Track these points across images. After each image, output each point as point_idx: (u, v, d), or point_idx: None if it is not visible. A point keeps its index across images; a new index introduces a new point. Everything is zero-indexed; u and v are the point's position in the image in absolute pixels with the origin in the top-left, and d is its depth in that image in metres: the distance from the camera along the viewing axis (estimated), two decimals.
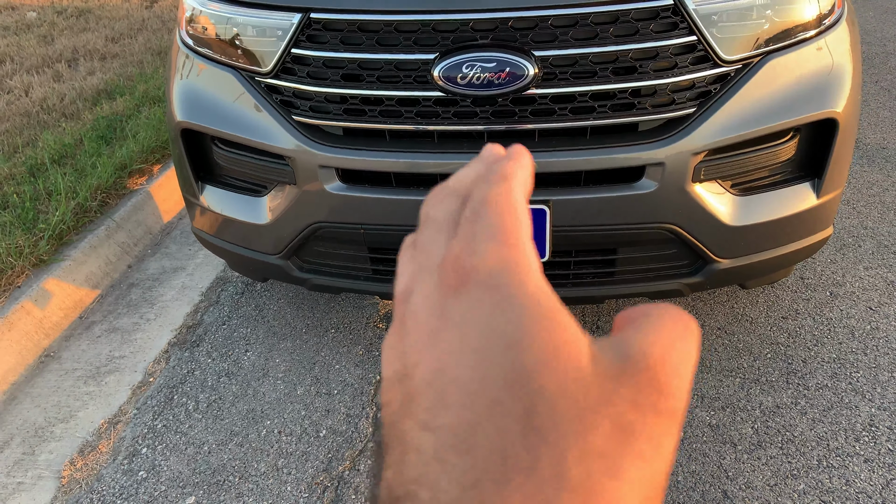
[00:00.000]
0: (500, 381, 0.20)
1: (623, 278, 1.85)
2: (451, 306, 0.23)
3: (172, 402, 2.06)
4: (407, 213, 1.73)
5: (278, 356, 2.22)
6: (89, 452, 1.91)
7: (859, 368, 2.03)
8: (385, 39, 1.65)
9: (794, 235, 1.83)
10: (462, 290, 0.23)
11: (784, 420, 1.88)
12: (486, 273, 0.23)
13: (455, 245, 0.25)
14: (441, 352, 0.22)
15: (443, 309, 0.23)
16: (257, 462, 1.84)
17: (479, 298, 0.22)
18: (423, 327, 0.23)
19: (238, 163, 1.89)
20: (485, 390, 0.20)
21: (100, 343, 2.37)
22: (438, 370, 0.22)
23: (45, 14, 6.17)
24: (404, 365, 0.23)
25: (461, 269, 0.24)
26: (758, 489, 1.69)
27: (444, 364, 0.22)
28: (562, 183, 1.71)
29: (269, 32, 1.76)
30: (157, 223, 3.08)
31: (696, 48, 1.59)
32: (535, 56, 1.58)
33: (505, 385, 0.20)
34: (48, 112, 3.89)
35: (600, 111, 1.63)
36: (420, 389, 0.22)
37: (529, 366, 0.20)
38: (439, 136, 1.72)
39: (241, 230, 1.96)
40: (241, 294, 2.55)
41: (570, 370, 0.21)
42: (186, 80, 1.96)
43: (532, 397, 0.20)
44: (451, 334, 0.22)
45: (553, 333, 0.21)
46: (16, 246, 2.52)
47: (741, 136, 1.65)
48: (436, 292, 0.24)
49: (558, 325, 0.22)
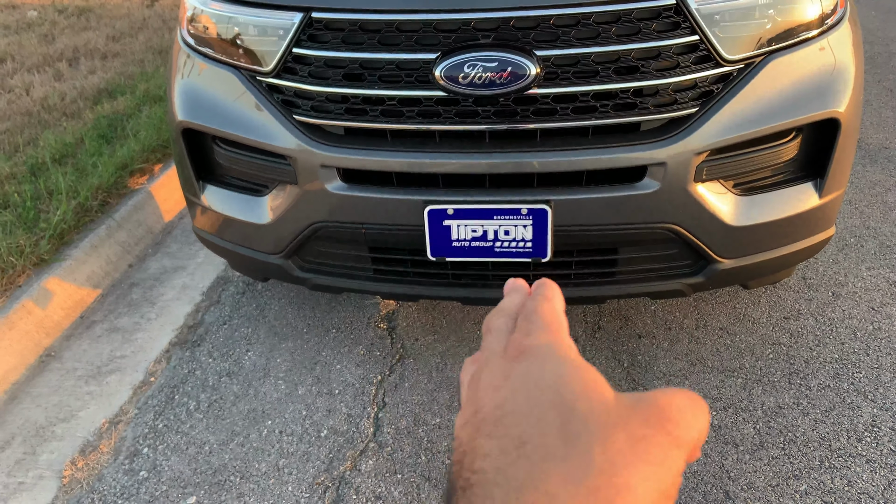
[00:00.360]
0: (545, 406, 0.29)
1: (625, 278, 1.85)
2: (511, 369, 0.32)
3: (173, 402, 2.06)
4: (408, 212, 1.73)
5: (279, 356, 2.22)
6: (90, 452, 1.91)
7: (861, 369, 2.03)
8: (387, 39, 1.64)
9: (796, 235, 1.83)
10: (520, 358, 0.32)
11: (786, 420, 1.87)
12: (538, 347, 0.33)
13: (515, 335, 0.35)
14: (502, 396, 0.30)
15: (505, 372, 0.32)
16: (258, 462, 1.84)
17: (533, 361, 0.32)
18: (489, 386, 0.32)
19: (239, 162, 1.89)
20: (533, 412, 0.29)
21: (101, 343, 2.36)
22: (499, 405, 0.30)
23: (45, 13, 6.17)
24: (475, 411, 0.31)
25: (520, 346, 0.33)
26: (760, 489, 1.69)
27: (503, 401, 0.30)
28: (563, 183, 1.70)
29: (270, 32, 1.75)
30: (158, 223, 3.07)
31: (699, 48, 1.59)
32: (537, 56, 1.58)
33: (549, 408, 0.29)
34: (49, 111, 3.89)
35: (602, 111, 1.62)
36: (486, 418, 0.30)
37: (567, 396, 0.29)
38: (441, 136, 1.72)
39: (242, 230, 1.95)
40: (242, 294, 2.55)
41: (596, 400, 0.29)
42: (188, 79, 1.95)
43: (568, 415, 0.28)
44: (511, 383, 0.31)
45: (586, 377, 0.30)
46: (17, 245, 2.52)
47: (743, 135, 1.65)
48: (499, 363, 0.33)
49: (591, 373, 0.31)
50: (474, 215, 1.71)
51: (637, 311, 2.32)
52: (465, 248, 1.76)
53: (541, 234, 1.71)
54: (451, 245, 1.76)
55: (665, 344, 2.17)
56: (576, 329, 2.26)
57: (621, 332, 2.24)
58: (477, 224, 1.73)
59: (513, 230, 1.72)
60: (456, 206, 1.70)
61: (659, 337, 2.20)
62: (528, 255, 1.75)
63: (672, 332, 2.22)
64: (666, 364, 2.09)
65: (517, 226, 1.72)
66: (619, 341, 2.20)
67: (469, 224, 1.73)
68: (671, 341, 2.18)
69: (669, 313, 2.30)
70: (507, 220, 1.71)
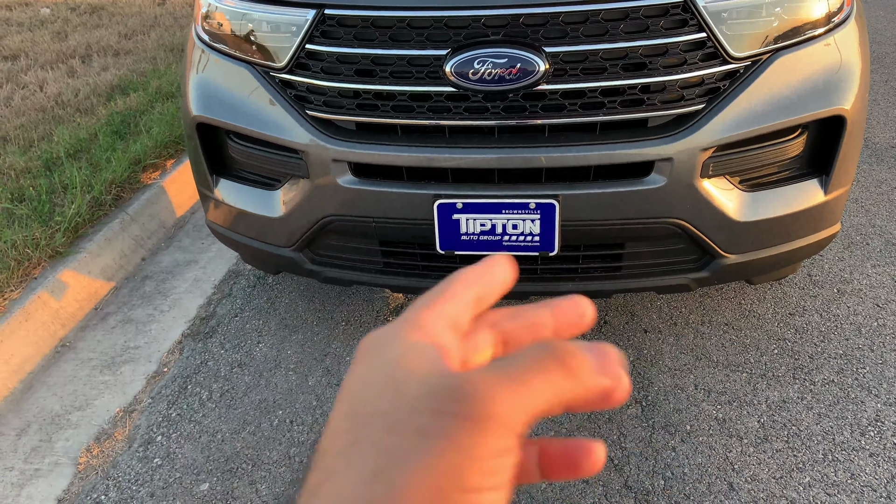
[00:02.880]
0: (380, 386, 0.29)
1: (631, 273, 1.87)
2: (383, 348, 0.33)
3: (186, 392, 2.10)
4: (418, 206, 1.76)
5: (290, 348, 2.26)
6: (105, 440, 1.95)
7: (866, 364, 2.05)
8: (398, 35, 1.67)
9: (802, 232, 1.84)
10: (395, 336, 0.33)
11: (790, 414, 1.89)
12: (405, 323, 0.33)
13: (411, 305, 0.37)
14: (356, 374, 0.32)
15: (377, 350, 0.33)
16: (270, 450, 1.87)
17: (390, 340, 0.32)
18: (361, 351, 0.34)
19: (252, 156, 1.93)
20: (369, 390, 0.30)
21: (115, 333, 2.41)
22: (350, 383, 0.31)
23: (58, 10, 6.23)
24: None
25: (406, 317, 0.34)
26: (763, 482, 1.71)
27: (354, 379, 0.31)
28: (571, 178, 1.73)
29: (283, 28, 1.79)
30: (171, 217, 3.12)
31: (706, 45, 1.61)
32: (546, 52, 1.60)
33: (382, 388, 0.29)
34: (63, 107, 3.94)
35: (610, 107, 1.65)
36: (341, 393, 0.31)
37: (399, 375, 0.29)
38: (450, 131, 1.74)
39: (254, 223, 1.99)
40: (253, 287, 2.58)
41: (397, 403, 0.29)
42: (202, 74, 1.99)
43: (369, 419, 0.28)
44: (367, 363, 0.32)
45: (425, 355, 0.30)
46: (32, 238, 2.57)
47: (750, 132, 1.67)
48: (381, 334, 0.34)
49: (431, 351, 0.31)
50: (483, 209, 1.74)
51: (643, 306, 2.34)
52: (474, 242, 1.79)
53: (549, 228, 1.74)
54: (460, 239, 1.79)
55: (671, 339, 2.20)
56: None
57: (627, 326, 2.26)
58: (486, 218, 1.75)
59: (521, 224, 1.75)
60: (465, 201, 1.73)
61: (664, 332, 2.23)
62: (536, 249, 1.78)
63: (677, 327, 2.25)
64: (671, 358, 2.12)
65: (525, 220, 1.74)
66: (625, 336, 2.22)
67: (478, 218, 1.76)
68: (676, 336, 2.20)
69: (675, 308, 2.32)
70: (516, 215, 1.74)
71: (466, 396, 0.27)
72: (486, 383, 0.27)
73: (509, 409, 0.27)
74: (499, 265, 0.35)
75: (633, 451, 1.82)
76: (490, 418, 0.27)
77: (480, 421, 0.27)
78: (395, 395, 0.29)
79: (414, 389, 0.28)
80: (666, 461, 1.78)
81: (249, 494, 1.75)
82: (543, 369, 0.28)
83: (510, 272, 0.35)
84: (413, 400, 0.28)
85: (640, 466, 1.77)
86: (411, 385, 0.29)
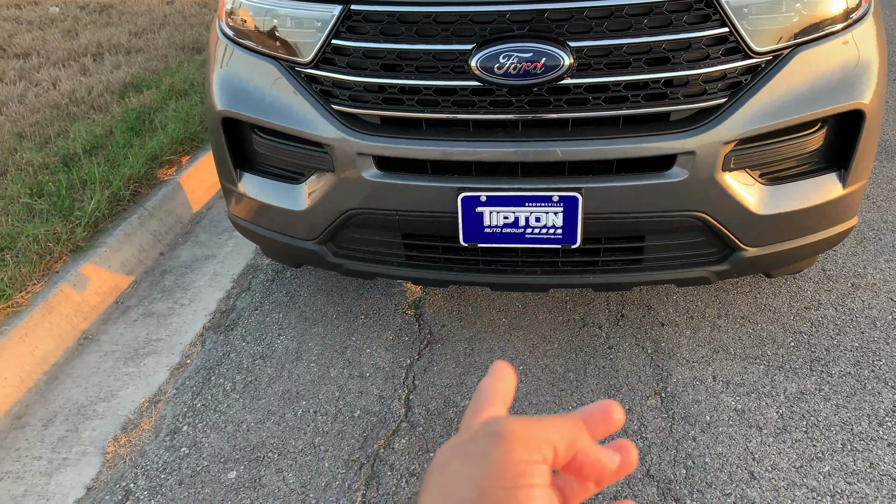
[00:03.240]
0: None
1: (651, 265, 1.90)
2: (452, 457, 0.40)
3: (210, 383, 2.12)
4: (442, 199, 1.78)
5: (311, 340, 2.28)
6: (132, 429, 1.98)
7: (882, 357, 2.07)
8: (424, 30, 1.70)
9: (821, 225, 1.87)
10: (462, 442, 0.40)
11: (808, 405, 1.92)
12: (477, 427, 0.41)
13: (466, 411, 0.45)
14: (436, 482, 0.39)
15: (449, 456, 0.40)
16: (295, 440, 1.90)
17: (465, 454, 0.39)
18: (437, 464, 0.41)
19: (277, 150, 1.95)
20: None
21: (136, 326, 2.43)
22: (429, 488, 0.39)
23: (67, 9, 6.27)
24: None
25: (468, 423, 0.42)
26: (784, 470, 1.73)
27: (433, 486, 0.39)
28: (594, 171, 1.76)
29: (309, 24, 1.81)
30: (187, 213, 3.14)
31: (728, 39, 1.64)
32: (571, 46, 1.63)
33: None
34: (77, 104, 3.97)
35: (633, 101, 1.67)
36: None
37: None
38: (475, 125, 1.77)
39: (278, 216, 2.01)
40: (271, 281, 2.61)
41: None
42: (227, 69, 2.01)
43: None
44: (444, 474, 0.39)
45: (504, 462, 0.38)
46: (54, 232, 2.59)
47: (771, 126, 1.69)
48: (452, 443, 0.41)
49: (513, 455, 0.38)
50: (507, 202, 1.76)
51: (659, 300, 2.37)
52: (497, 235, 1.81)
53: (571, 220, 1.77)
54: (484, 231, 1.81)
55: (688, 332, 2.22)
56: (599, 317, 2.31)
57: (644, 320, 2.29)
58: (509, 211, 1.78)
59: (544, 217, 1.77)
60: (489, 194, 1.75)
61: (682, 325, 2.25)
62: (559, 241, 1.80)
63: (694, 320, 2.27)
64: (689, 351, 2.14)
65: (548, 213, 1.77)
66: (642, 329, 2.24)
67: (501, 211, 1.78)
68: (693, 329, 2.23)
69: (691, 302, 2.35)
70: (539, 207, 1.76)
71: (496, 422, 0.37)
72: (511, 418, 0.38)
73: (530, 430, 0.36)
74: (505, 370, 0.45)
75: (654, 441, 1.84)
76: (515, 433, 0.36)
77: (506, 436, 0.36)
78: (448, 448, 0.39)
79: (459, 440, 0.39)
80: (687, 451, 1.81)
81: (277, 482, 1.78)
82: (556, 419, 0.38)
83: (513, 372, 0.46)
84: (459, 443, 0.38)
85: (662, 456, 1.80)
86: (459, 439, 0.39)
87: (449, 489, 0.35)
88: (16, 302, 2.32)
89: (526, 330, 2.28)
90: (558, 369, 2.11)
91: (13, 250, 2.52)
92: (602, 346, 2.19)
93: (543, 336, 2.25)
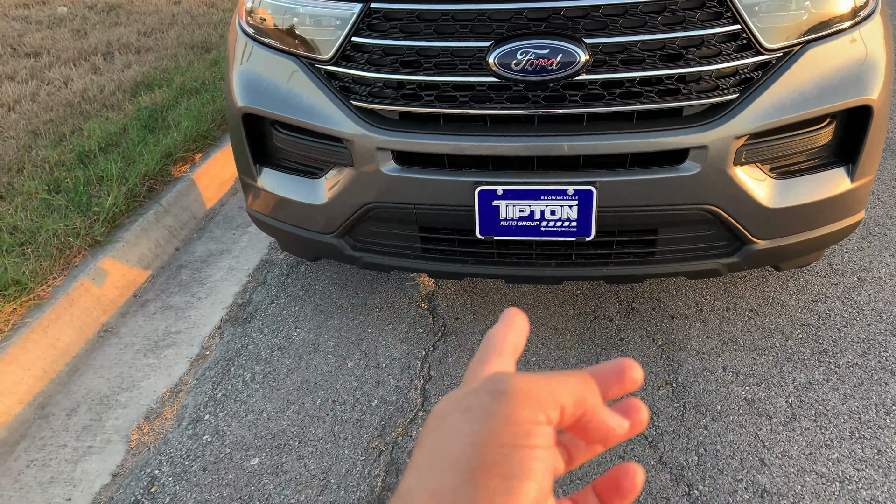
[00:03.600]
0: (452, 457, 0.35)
1: (663, 258, 1.94)
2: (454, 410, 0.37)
3: (230, 374, 2.17)
4: (458, 193, 1.83)
5: (327, 332, 2.33)
6: (155, 418, 2.03)
7: (888, 348, 2.11)
8: (443, 28, 1.74)
9: (829, 218, 1.91)
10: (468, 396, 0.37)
11: (817, 395, 1.96)
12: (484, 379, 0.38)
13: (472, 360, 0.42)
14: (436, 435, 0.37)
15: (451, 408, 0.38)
16: (315, 428, 1.94)
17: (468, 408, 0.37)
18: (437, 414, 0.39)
19: (297, 146, 1.99)
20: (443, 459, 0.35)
21: (155, 319, 2.48)
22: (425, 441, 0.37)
23: (75, 9, 6.31)
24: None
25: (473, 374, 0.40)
26: (793, 457, 1.77)
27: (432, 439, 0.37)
28: (608, 165, 1.80)
29: (329, 22, 1.85)
30: (201, 209, 3.19)
31: (740, 36, 1.68)
32: (586, 43, 1.67)
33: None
34: (89, 102, 4.02)
35: (647, 96, 1.72)
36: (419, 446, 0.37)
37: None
38: (491, 120, 1.81)
39: (296, 210, 2.06)
40: (286, 275, 2.65)
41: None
42: (247, 67, 2.06)
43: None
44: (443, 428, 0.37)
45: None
46: (73, 227, 2.64)
47: (781, 121, 1.73)
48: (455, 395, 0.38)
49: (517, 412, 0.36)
50: (522, 196, 1.81)
51: (669, 293, 2.41)
52: (513, 228, 1.86)
53: (586, 214, 1.81)
54: (500, 224, 1.86)
55: (697, 324, 2.26)
56: (610, 311, 2.35)
57: (654, 313, 2.33)
58: (525, 204, 1.82)
59: (559, 210, 1.82)
60: (505, 187, 1.80)
61: (691, 318, 2.29)
62: (573, 234, 1.84)
63: (703, 313, 2.31)
64: (699, 342, 2.18)
65: (563, 206, 1.81)
66: (652, 322, 2.29)
67: (517, 204, 1.82)
68: (703, 322, 2.27)
69: (700, 296, 2.39)
70: (554, 201, 1.81)
71: (501, 378, 0.35)
72: (518, 374, 0.35)
73: (537, 389, 0.34)
74: (516, 317, 0.43)
75: (666, 430, 1.88)
76: (521, 391, 0.34)
77: (513, 393, 0.33)
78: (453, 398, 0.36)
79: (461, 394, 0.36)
80: (698, 438, 1.85)
81: (298, 468, 1.82)
82: (565, 375, 0.36)
83: (526, 320, 0.43)
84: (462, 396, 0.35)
85: (674, 444, 1.84)
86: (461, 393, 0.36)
87: (446, 444, 0.33)
88: (37, 295, 2.37)
89: (538, 323, 2.32)
90: (571, 360, 2.16)
91: (34, 245, 2.57)
92: (613, 339, 2.23)
93: (555, 328, 2.29)
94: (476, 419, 0.33)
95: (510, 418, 0.33)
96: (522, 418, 0.33)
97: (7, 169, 3.17)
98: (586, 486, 0.41)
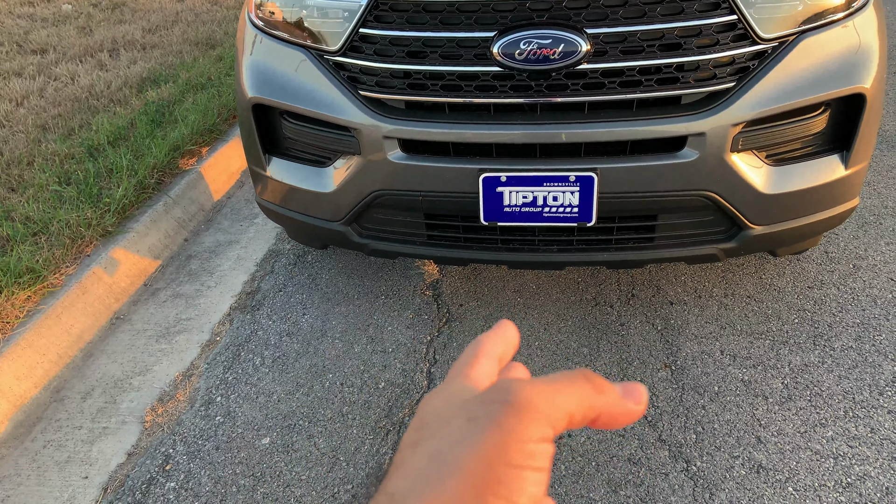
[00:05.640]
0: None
1: (663, 243, 1.99)
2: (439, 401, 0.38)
3: (240, 358, 2.22)
4: (463, 180, 1.88)
5: (334, 318, 2.38)
6: (168, 401, 2.08)
7: (882, 332, 2.16)
8: (448, 19, 1.80)
9: (824, 204, 1.96)
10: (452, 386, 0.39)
11: (812, 377, 2.01)
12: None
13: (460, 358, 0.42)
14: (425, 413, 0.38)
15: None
16: (323, 409, 2.00)
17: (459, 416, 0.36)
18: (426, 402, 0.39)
19: (306, 135, 2.05)
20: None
21: (166, 307, 2.54)
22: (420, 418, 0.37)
23: (80, 6, 6.37)
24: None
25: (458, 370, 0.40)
26: (789, 435, 1.83)
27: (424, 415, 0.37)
28: (609, 152, 1.85)
29: (337, 14, 1.91)
30: (209, 201, 3.24)
31: (737, 26, 1.73)
32: (588, 33, 1.72)
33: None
34: (97, 98, 4.07)
35: (647, 85, 1.77)
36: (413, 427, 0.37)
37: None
38: (495, 108, 1.87)
39: (305, 199, 2.11)
40: (293, 265, 2.71)
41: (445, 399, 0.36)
42: (257, 58, 2.11)
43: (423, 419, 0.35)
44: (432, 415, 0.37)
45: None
46: (85, 218, 2.69)
47: (777, 109, 1.79)
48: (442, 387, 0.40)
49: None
50: (526, 182, 1.86)
51: (667, 280, 2.46)
52: (516, 214, 1.91)
53: (587, 200, 1.86)
54: (503, 210, 1.91)
55: (696, 310, 2.32)
56: (610, 297, 2.41)
57: (654, 299, 2.38)
58: (528, 190, 1.88)
59: (561, 196, 1.87)
60: (509, 174, 1.85)
61: (690, 303, 2.35)
62: (575, 220, 1.90)
63: (702, 299, 2.37)
64: (697, 327, 2.24)
65: (565, 192, 1.86)
66: (652, 308, 2.34)
67: (520, 190, 1.88)
68: (701, 307, 2.33)
69: (698, 282, 2.44)
70: (556, 187, 1.86)
71: (510, 388, 0.33)
72: (525, 383, 0.34)
73: (545, 401, 0.33)
74: (509, 329, 0.42)
75: (665, 410, 1.94)
76: (529, 404, 0.32)
77: (521, 406, 0.32)
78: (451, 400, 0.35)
79: (467, 394, 0.35)
80: (696, 418, 1.90)
81: (308, 447, 1.88)
82: (574, 381, 0.35)
83: (517, 333, 0.43)
84: (465, 401, 0.34)
85: (673, 423, 1.89)
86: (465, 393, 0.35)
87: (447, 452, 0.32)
88: (51, 283, 2.42)
89: (540, 309, 2.38)
90: (572, 345, 2.21)
91: (46, 234, 2.63)
92: (614, 324, 2.29)
93: (557, 314, 2.35)
94: (483, 430, 0.31)
95: (519, 435, 0.31)
96: (530, 435, 0.32)
97: (18, 162, 3.23)
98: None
